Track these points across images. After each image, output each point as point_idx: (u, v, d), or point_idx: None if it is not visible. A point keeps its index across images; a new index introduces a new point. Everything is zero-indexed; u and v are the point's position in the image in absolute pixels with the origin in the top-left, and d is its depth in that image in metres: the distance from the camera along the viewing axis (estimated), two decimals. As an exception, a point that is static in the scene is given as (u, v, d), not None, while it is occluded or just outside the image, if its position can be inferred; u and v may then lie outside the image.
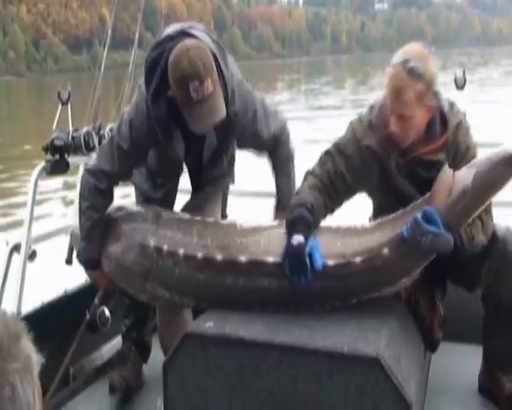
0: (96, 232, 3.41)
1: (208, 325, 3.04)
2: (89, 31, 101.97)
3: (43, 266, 3.83)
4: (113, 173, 3.36)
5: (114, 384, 3.60)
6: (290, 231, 3.13)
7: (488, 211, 3.20)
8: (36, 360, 1.17)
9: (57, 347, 3.61)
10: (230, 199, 4.07)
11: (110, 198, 3.46)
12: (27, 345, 1.16)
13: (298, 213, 3.15)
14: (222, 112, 3.09)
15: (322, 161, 3.32)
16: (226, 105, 3.13)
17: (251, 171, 4.95)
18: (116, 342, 4.04)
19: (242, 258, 3.15)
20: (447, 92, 3.40)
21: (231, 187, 3.97)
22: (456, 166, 3.13)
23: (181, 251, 3.23)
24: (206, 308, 3.22)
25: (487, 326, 3.37)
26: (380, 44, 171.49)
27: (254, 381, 2.90)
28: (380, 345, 2.78)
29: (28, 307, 3.55)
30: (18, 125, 31.17)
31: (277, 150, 3.59)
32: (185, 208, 3.64)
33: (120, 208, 3.54)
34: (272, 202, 3.73)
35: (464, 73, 4.20)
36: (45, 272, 4.00)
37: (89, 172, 3.39)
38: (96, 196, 3.36)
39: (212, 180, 3.66)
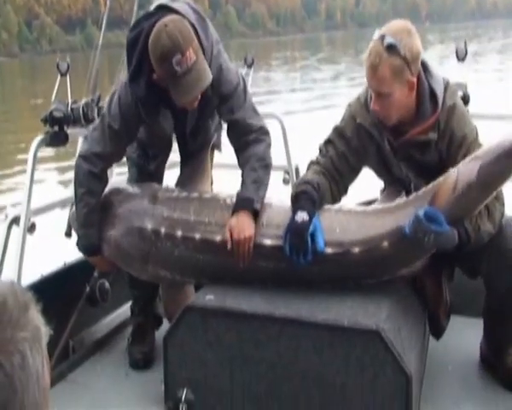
0: (93, 218, 3.42)
1: (209, 297, 3.05)
2: (82, 11, 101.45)
3: (43, 237, 3.79)
4: (107, 154, 3.37)
5: (136, 360, 3.63)
6: (294, 207, 3.10)
7: (497, 198, 3.10)
8: (44, 330, 1.17)
9: (57, 319, 3.55)
10: (221, 172, 4.04)
11: (105, 181, 3.47)
12: (36, 315, 1.16)
13: (303, 189, 3.13)
14: (208, 77, 3.09)
15: (323, 151, 3.30)
16: None
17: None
18: (116, 315, 4.05)
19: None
20: (444, 65, 3.39)
21: (221, 159, 3.97)
22: (452, 155, 3.09)
23: (179, 233, 3.23)
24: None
25: (488, 315, 3.34)
26: (375, 20, 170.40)
27: (255, 353, 2.92)
28: (380, 317, 2.80)
29: (28, 279, 3.52)
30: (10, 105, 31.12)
31: (249, 146, 3.36)
32: (178, 183, 3.66)
33: (116, 190, 3.54)
34: None
35: (466, 44, 4.15)
36: (44, 245, 3.96)
37: (82, 157, 3.39)
38: (91, 180, 3.36)
39: (198, 149, 3.66)
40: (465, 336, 3.70)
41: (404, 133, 3.14)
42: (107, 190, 3.49)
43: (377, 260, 3.06)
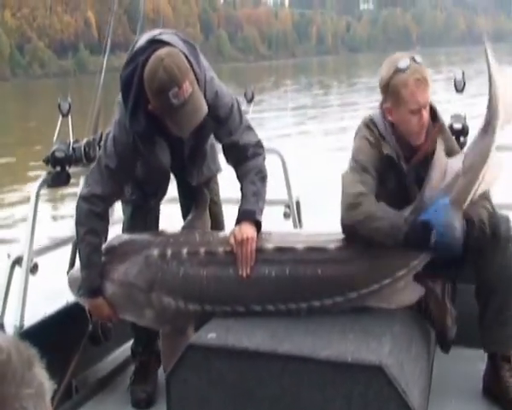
0: (96, 258, 3.45)
1: (211, 335, 3.05)
2: (74, 35, 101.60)
3: (45, 277, 3.82)
4: (106, 195, 3.42)
5: (139, 400, 3.66)
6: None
7: (489, 200, 3.35)
8: (48, 386, 1.19)
9: (60, 359, 3.61)
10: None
11: (107, 221, 3.51)
12: (40, 371, 1.18)
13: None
14: (204, 108, 3.18)
15: (355, 180, 3.29)
16: None
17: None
18: (118, 354, 4.07)
19: None
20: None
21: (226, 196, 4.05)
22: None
23: (184, 251, 3.33)
24: (210, 317, 3.24)
25: (482, 315, 3.46)
26: (366, 45, 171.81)
27: (258, 391, 2.92)
28: (382, 353, 2.81)
29: (30, 319, 3.55)
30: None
31: (247, 160, 3.48)
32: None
33: (119, 236, 3.63)
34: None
35: (463, 75, 4.16)
36: (47, 284, 3.99)
37: (83, 199, 3.44)
38: (93, 220, 3.41)
39: (197, 183, 3.72)
40: (468, 367, 3.74)
41: (415, 152, 3.34)
42: (109, 239, 3.54)
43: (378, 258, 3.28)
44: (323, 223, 4.13)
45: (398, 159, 3.34)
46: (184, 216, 3.91)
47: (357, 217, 3.16)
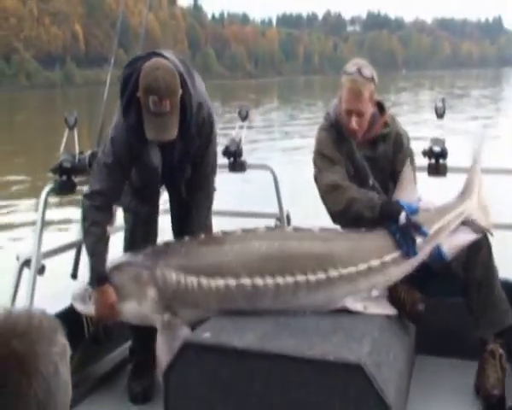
0: (100, 247, 3.70)
1: (206, 335, 3.29)
2: (61, 47, 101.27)
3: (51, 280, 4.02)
4: (105, 189, 3.69)
5: (136, 394, 3.89)
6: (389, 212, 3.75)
7: None
8: (68, 347, 1.52)
9: None
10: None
11: (108, 213, 3.79)
12: (62, 336, 1.51)
13: (376, 198, 3.81)
14: (172, 133, 3.55)
15: (328, 176, 3.90)
16: (192, 117, 3.66)
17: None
18: (117, 354, 4.24)
19: (238, 231, 3.72)
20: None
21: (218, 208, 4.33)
22: (401, 158, 3.98)
23: (186, 239, 3.76)
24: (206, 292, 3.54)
25: (473, 307, 3.84)
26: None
27: (247, 387, 3.15)
28: (362, 353, 3.06)
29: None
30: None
31: (204, 188, 3.98)
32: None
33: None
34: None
35: (443, 101, 4.38)
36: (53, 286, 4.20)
37: (85, 196, 3.73)
38: (94, 213, 3.68)
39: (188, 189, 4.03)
40: (448, 376, 4.01)
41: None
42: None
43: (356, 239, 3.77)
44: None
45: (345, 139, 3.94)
46: (174, 228, 4.17)
47: (341, 205, 3.80)
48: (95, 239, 3.68)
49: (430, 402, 3.74)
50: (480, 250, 3.79)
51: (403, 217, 3.67)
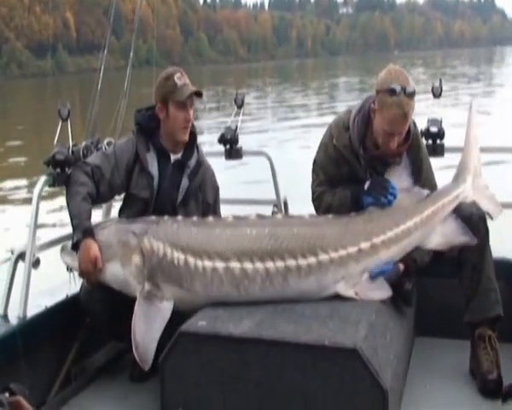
0: (87, 205, 3.80)
1: (201, 323, 3.31)
2: (53, 36, 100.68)
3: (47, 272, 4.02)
4: (94, 163, 3.90)
5: (134, 372, 3.94)
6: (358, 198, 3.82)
7: None
8: None
9: (60, 348, 3.87)
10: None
11: (95, 179, 3.88)
12: None
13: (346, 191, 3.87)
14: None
15: (314, 184, 4.01)
16: (196, 153, 4.08)
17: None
18: (115, 344, 4.25)
19: (229, 218, 3.75)
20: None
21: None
22: (417, 169, 3.91)
23: (179, 217, 3.79)
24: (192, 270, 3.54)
25: (467, 291, 3.83)
26: (345, 48, 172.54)
27: (244, 374, 3.19)
28: (358, 337, 3.08)
29: (32, 310, 3.74)
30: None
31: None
32: None
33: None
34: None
35: (441, 82, 4.42)
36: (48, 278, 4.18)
37: (76, 166, 3.91)
38: (80, 175, 3.85)
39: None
40: (446, 357, 4.04)
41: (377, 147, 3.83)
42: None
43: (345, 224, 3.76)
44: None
45: (351, 153, 3.89)
46: None
47: (322, 209, 3.95)
48: (82, 197, 3.79)
49: (429, 383, 3.77)
50: (476, 233, 3.75)
51: (367, 184, 3.78)
